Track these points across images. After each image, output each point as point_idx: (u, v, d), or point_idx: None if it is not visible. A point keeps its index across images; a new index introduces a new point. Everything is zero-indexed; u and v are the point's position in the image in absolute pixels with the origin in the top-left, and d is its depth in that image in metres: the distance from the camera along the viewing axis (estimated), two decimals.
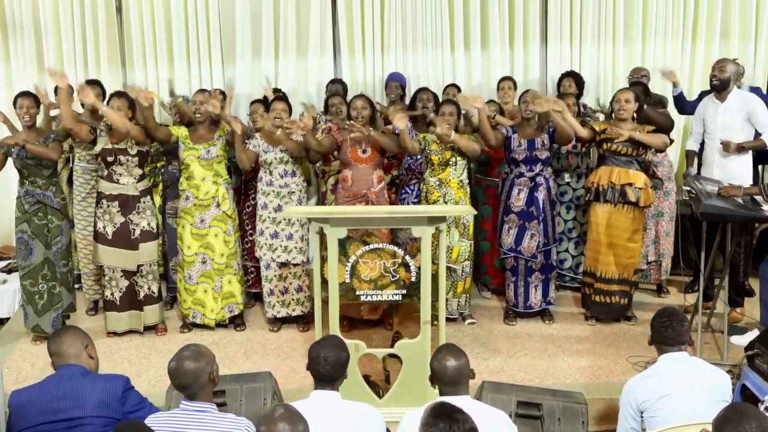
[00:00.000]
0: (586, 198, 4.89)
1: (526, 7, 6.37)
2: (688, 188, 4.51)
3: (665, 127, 4.98)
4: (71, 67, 6.28)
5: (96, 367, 2.95)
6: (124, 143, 4.67)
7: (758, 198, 4.27)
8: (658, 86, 6.16)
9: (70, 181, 5.32)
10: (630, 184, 4.72)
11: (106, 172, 4.72)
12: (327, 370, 2.76)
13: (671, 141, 5.08)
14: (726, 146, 4.84)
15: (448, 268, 4.85)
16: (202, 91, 4.94)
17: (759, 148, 4.91)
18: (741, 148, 4.85)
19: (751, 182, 4.94)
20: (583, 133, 4.75)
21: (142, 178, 4.80)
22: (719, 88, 4.88)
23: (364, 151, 4.71)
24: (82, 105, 5.23)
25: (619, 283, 4.88)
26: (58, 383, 2.81)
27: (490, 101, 5.53)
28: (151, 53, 6.30)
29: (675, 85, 5.48)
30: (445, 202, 4.78)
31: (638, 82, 5.38)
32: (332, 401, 2.76)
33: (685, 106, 5.48)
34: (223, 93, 5.54)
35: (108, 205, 4.71)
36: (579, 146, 5.32)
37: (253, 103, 5.42)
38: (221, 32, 6.35)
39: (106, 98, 4.91)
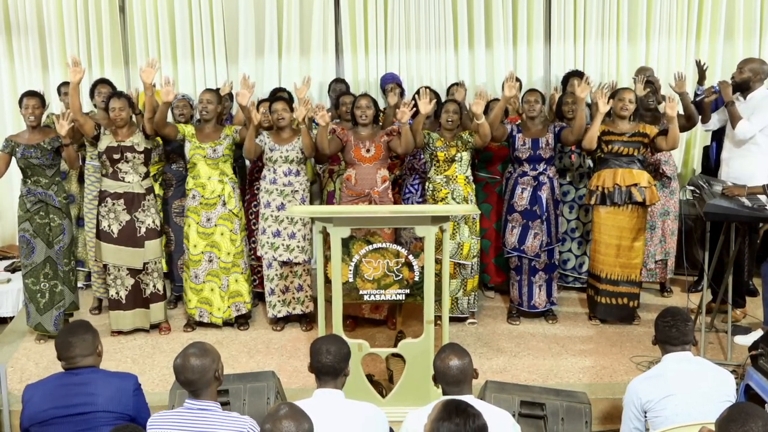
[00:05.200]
0: (591, 201, 4.85)
1: (530, 6, 6.36)
2: (692, 188, 4.50)
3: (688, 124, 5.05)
4: None
5: (101, 360, 3.00)
6: (130, 141, 4.68)
7: (762, 198, 4.26)
8: (662, 87, 6.16)
9: (81, 180, 5.34)
10: (635, 185, 4.71)
11: (110, 170, 4.72)
12: (329, 360, 2.76)
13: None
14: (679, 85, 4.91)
15: (459, 265, 4.85)
16: (208, 90, 4.95)
17: (731, 115, 4.81)
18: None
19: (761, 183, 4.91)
20: (592, 145, 4.72)
21: (146, 176, 4.81)
22: (736, 88, 4.87)
23: (368, 150, 4.71)
24: (95, 105, 5.24)
25: (627, 285, 4.87)
26: (70, 378, 2.86)
27: (495, 100, 5.53)
28: (154, 52, 6.31)
29: (701, 82, 5.40)
30: (454, 199, 4.77)
31: (649, 82, 5.37)
32: (336, 400, 2.76)
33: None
34: (230, 95, 5.56)
35: (113, 204, 4.71)
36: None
37: (259, 102, 5.41)
38: (224, 31, 6.35)
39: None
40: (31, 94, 4.70)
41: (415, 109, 4.59)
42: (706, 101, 5.04)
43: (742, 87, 4.87)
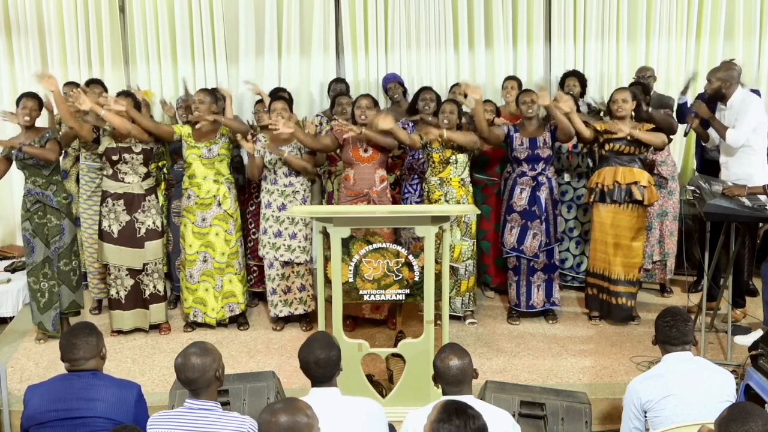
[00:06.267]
0: (591, 199, 4.86)
1: (530, 6, 6.36)
2: (692, 188, 4.50)
3: (665, 127, 4.95)
4: (75, 66, 6.30)
5: (104, 363, 2.99)
6: (127, 142, 4.69)
7: (762, 198, 4.26)
8: (662, 86, 6.16)
9: (78, 180, 5.33)
10: (635, 183, 4.72)
11: (111, 171, 4.72)
12: (321, 372, 2.75)
13: (670, 140, 5.07)
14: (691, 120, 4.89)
15: (451, 267, 4.85)
16: (202, 90, 4.95)
17: (717, 129, 4.82)
18: (701, 121, 4.90)
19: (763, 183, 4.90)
20: (586, 133, 4.75)
21: (147, 176, 4.81)
22: (712, 98, 4.85)
23: (366, 151, 4.71)
24: None
25: (626, 284, 4.87)
26: (72, 381, 2.85)
27: (487, 101, 5.53)
28: (154, 52, 6.31)
29: (684, 92, 5.43)
30: (447, 201, 4.78)
31: (638, 82, 5.37)
32: (333, 398, 2.75)
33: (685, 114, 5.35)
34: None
35: (113, 204, 4.72)
36: (580, 146, 5.33)
37: (257, 102, 5.43)
38: (225, 31, 6.36)
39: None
40: (29, 95, 4.67)
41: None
42: (695, 129, 5.01)
43: (717, 96, 4.84)
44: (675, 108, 5.53)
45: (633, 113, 4.82)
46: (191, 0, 6.26)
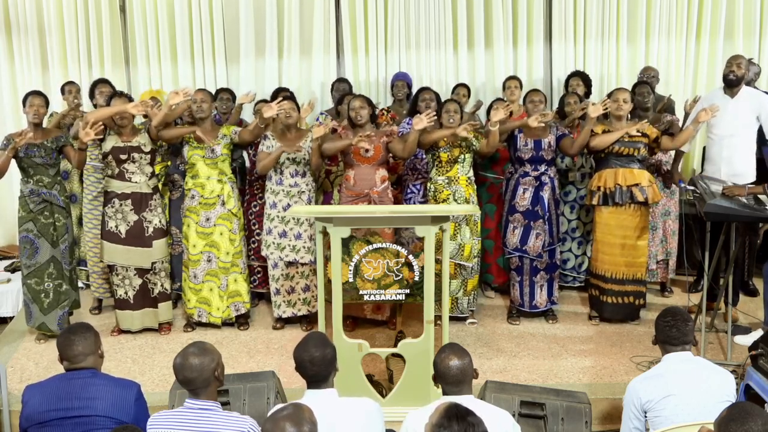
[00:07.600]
0: (594, 202, 4.83)
1: (530, 6, 6.36)
2: (692, 188, 4.51)
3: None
4: (75, 67, 6.31)
5: (102, 362, 2.99)
6: (136, 141, 4.69)
7: (762, 197, 4.26)
8: (662, 87, 6.16)
9: (82, 180, 5.33)
10: (637, 184, 4.72)
11: (117, 171, 4.71)
12: (316, 371, 2.74)
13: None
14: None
15: (460, 266, 4.86)
16: (201, 90, 4.94)
17: None
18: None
19: (754, 179, 4.92)
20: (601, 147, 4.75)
21: (152, 175, 4.81)
22: (735, 83, 4.82)
23: (367, 151, 4.71)
24: (95, 105, 5.24)
25: (633, 284, 4.87)
26: (71, 381, 2.86)
27: (498, 99, 5.52)
28: (154, 52, 6.32)
29: None
30: (456, 200, 4.78)
31: (645, 81, 5.37)
32: (330, 400, 2.74)
33: None
34: (233, 95, 5.55)
35: (120, 204, 4.71)
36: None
37: (257, 102, 5.43)
38: (225, 31, 6.37)
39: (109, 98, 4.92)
40: (36, 93, 4.71)
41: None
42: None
43: (735, 83, 4.83)
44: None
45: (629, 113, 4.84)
46: (191, 0, 6.27)
